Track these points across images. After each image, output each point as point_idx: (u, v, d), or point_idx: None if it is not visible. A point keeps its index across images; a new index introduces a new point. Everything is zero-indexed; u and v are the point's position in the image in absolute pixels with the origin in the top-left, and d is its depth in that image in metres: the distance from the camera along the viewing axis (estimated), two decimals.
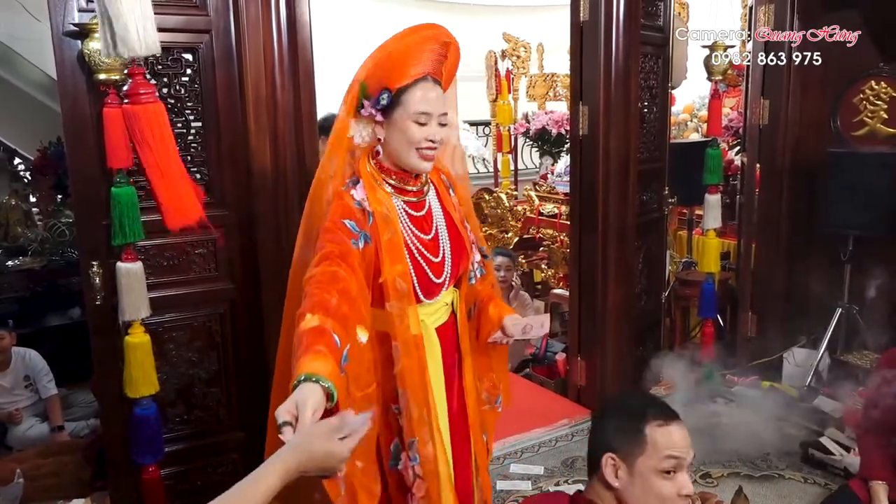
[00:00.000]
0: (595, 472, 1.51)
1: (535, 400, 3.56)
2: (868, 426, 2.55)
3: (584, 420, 3.30)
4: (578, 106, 3.35)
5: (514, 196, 5.66)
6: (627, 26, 3.21)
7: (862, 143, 3.71)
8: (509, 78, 6.19)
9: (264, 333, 2.43)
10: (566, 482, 2.88)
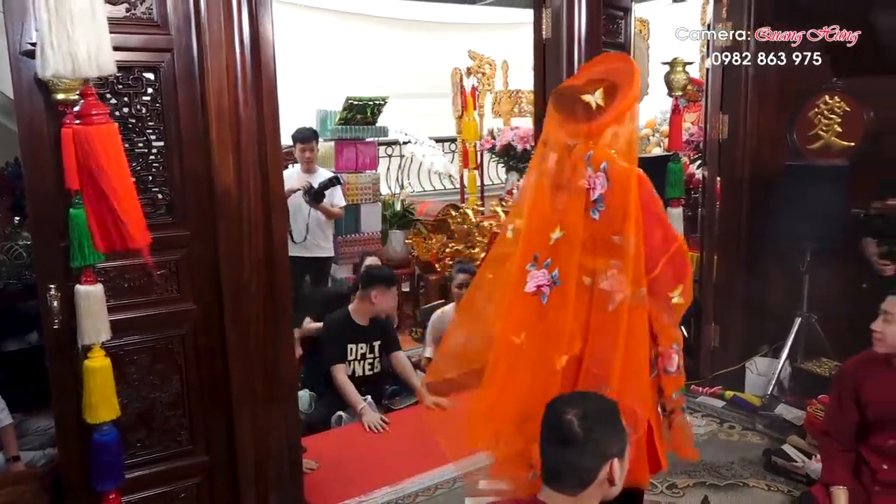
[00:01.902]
0: (586, 486, 1.50)
1: None
2: (828, 432, 2.60)
3: None
4: (542, 122, 3.39)
5: (481, 212, 5.69)
6: (589, 43, 3.26)
7: (817, 156, 3.81)
8: (475, 95, 6.24)
9: (227, 354, 2.41)
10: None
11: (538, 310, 2.15)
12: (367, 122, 5.32)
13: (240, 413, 2.46)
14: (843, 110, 3.75)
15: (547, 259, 2.14)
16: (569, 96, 2.13)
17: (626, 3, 3.62)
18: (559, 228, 2.11)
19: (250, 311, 2.43)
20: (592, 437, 1.48)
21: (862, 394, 2.49)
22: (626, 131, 2.07)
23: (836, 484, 2.46)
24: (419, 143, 6.26)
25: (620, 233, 2.03)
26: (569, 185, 2.10)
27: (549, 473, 1.53)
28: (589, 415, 1.50)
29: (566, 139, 2.13)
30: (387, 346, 3.84)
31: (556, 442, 1.51)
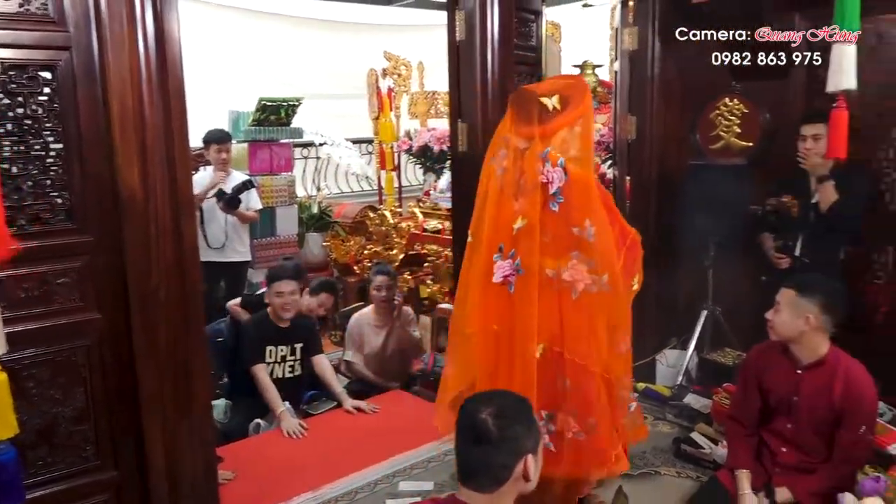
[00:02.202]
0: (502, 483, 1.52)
1: (424, 416, 3.54)
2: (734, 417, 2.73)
3: None
4: (457, 123, 3.42)
5: (399, 213, 5.69)
6: (502, 46, 3.31)
7: (719, 156, 4.00)
8: (391, 96, 6.23)
9: (135, 364, 2.32)
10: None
11: (508, 299, 2.30)
12: (282, 123, 5.24)
13: (150, 425, 2.37)
14: (742, 112, 3.94)
15: (511, 249, 2.29)
16: (528, 97, 2.31)
17: (538, 6, 3.69)
18: (521, 218, 2.26)
19: (159, 319, 2.34)
20: (507, 435, 1.50)
21: (763, 381, 2.61)
22: (576, 139, 2.27)
23: (740, 467, 2.58)
24: (335, 145, 6.20)
25: (579, 224, 2.21)
26: (525, 183, 2.26)
27: (465, 473, 1.55)
28: (503, 412, 1.51)
29: (520, 141, 2.30)
30: (309, 348, 3.77)
31: (471, 441, 1.52)
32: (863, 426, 2.40)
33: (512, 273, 2.30)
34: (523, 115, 2.30)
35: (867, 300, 3.62)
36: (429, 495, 2.90)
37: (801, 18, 3.66)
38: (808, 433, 2.51)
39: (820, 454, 2.49)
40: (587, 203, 2.23)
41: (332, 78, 7.78)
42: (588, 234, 2.22)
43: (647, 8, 4.05)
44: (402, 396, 3.93)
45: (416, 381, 4.14)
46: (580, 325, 2.24)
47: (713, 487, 2.63)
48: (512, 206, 2.31)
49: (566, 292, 2.24)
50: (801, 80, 3.73)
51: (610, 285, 2.23)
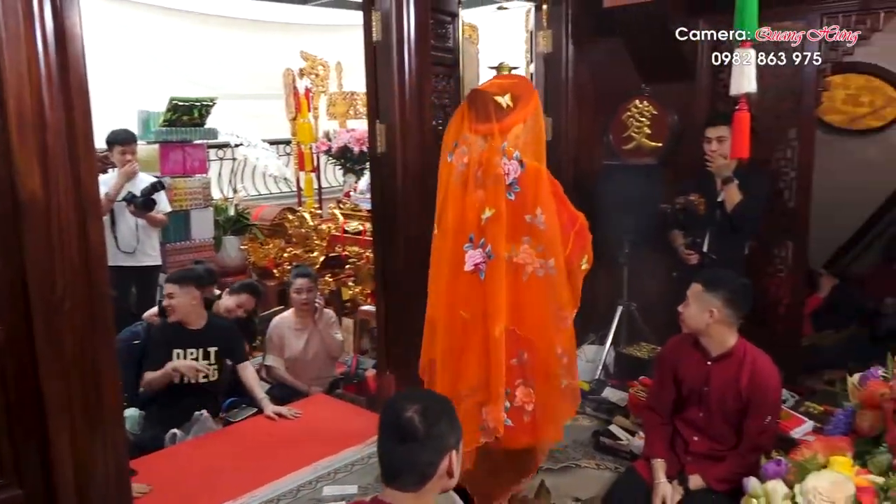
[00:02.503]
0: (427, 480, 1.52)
1: (347, 419, 3.54)
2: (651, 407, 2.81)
3: None
4: (375, 124, 3.41)
5: (319, 215, 5.61)
6: (418, 47, 3.32)
7: (631, 156, 4.13)
8: (308, 96, 6.15)
9: (40, 376, 2.20)
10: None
11: (478, 286, 2.46)
12: (195, 123, 5.09)
13: (57, 438, 2.25)
14: (652, 114, 4.08)
15: (481, 238, 2.46)
16: (483, 97, 2.48)
17: (454, 8, 3.72)
18: (488, 209, 2.43)
19: (65, 329, 2.23)
20: (433, 433, 1.50)
21: (677, 372, 2.70)
22: (529, 133, 2.48)
23: (656, 457, 2.66)
24: (252, 146, 6.07)
25: (531, 212, 2.42)
26: (486, 176, 2.44)
27: (389, 472, 1.54)
28: (428, 411, 1.52)
29: (477, 138, 2.47)
30: (229, 353, 3.67)
31: (396, 440, 1.52)
32: (768, 416, 2.50)
33: (483, 261, 2.46)
34: (482, 114, 2.46)
35: (769, 293, 3.82)
36: (353, 499, 2.88)
37: (704, 23, 3.82)
38: (717, 422, 2.60)
39: (729, 442, 2.58)
40: (539, 193, 2.43)
41: (247, 78, 7.62)
42: (538, 222, 2.42)
43: (560, 12, 4.14)
44: (325, 400, 3.88)
45: (339, 384, 4.10)
46: (530, 304, 2.45)
47: (630, 477, 2.70)
48: (477, 198, 2.47)
49: (518, 274, 2.45)
50: (707, 84, 3.90)
51: (556, 269, 2.44)
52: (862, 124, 4.55)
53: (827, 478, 1.72)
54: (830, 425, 2.16)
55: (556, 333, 2.50)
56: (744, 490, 1.92)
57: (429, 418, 1.51)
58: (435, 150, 3.52)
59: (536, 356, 2.47)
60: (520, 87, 2.53)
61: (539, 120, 2.53)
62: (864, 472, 1.75)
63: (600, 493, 2.89)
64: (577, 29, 4.18)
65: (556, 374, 2.50)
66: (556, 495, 2.92)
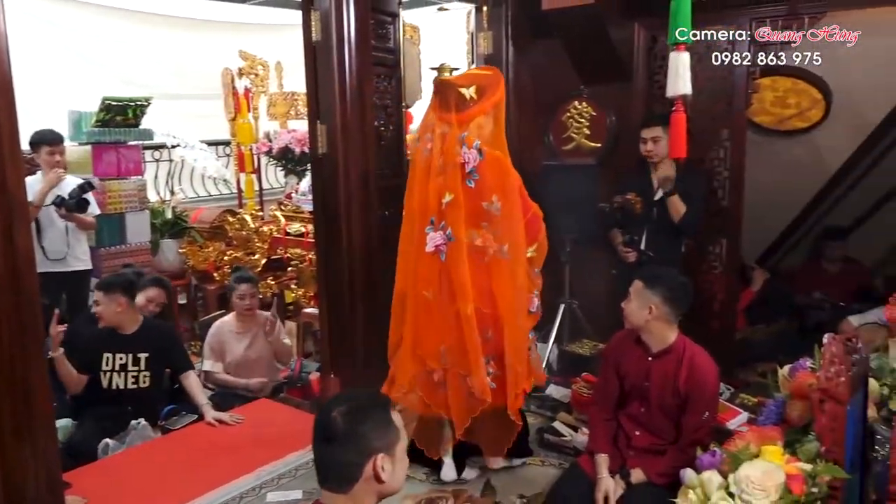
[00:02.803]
0: (353, 482, 1.50)
1: (291, 423, 3.49)
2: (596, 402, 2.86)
3: None
4: (316, 125, 3.38)
5: (260, 217, 5.52)
6: (359, 47, 3.31)
7: (571, 156, 4.20)
8: (248, 96, 6.04)
9: None
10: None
11: (439, 266, 2.72)
12: (129, 124, 4.94)
13: None
14: (591, 115, 4.16)
15: (441, 221, 2.68)
16: (447, 87, 2.69)
17: (395, 8, 3.72)
18: (448, 193, 2.65)
19: None
20: (354, 432, 1.48)
21: (620, 367, 2.74)
22: (491, 124, 2.70)
23: (599, 452, 2.70)
24: (189, 147, 5.92)
25: (488, 199, 2.64)
26: (445, 163, 2.65)
27: (320, 473, 1.53)
28: (353, 410, 1.49)
29: (442, 125, 2.67)
30: (164, 359, 3.57)
31: (321, 440, 1.51)
32: (706, 412, 2.56)
33: (443, 242, 2.69)
34: (444, 104, 2.67)
35: (705, 290, 3.93)
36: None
37: (640, 27, 3.91)
38: (658, 417, 2.65)
39: (669, 436, 2.64)
40: (498, 181, 2.64)
41: (184, 77, 7.43)
42: (495, 209, 2.65)
43: (500, 13, 4.18)
44: (268, 405, 3.82)
45: (283, 388, 4.04)
46: (494, 285, 2.69)
47: (574, 473, 2.74)
48: (439, 183, 2.68)
49: (481, 257, 2.69)
50: (643, 85, 3.99)
51: (510, 254, 2.68)
52: (789, 125, 4.72)
53: (759, 467, 1.77)
54: (762, 416, 2.22)
55: (520, 312, 2.75)
56: (681, 482, 1.96)
57: (352, 419, 1.49)
58: (377, 151, 3.54)
59: (501, 333, 2.72)
60: (487, 79, 2.72)
61: (502, 111, 2.73)
62: (793, 460, 1.81)
63: (545, 490, 2.92)
64: (516, 31, 4.22)
65: (523, 347, 2.79)
66: (502, 493, 2.95)
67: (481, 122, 2.68)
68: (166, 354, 3.57)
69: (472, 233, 2.69)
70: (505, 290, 2.71)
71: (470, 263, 2.70)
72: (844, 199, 5.14)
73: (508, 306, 2.74)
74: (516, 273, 2.73)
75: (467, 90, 2.66)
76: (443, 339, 2.76)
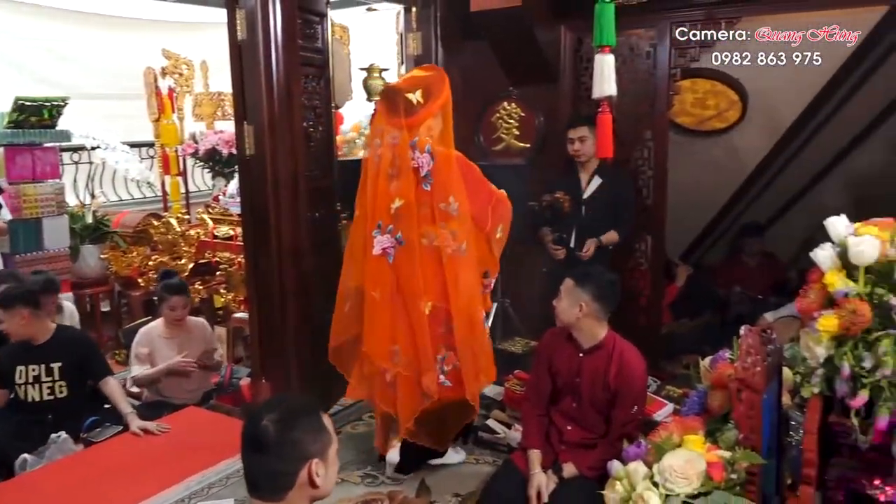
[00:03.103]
0: (287, 490, 1.49)
1: (221, 431, 3.40)
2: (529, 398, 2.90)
3: None
4: (243, 126, 3.31)
5: (187, 220, 5.38)
6: (286, 47, 3.26)
7: (501, 157, 4.24)
8: (172, 97, 5.88)
9: None
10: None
11: (386, 269, 2.81)
12: (45, 125, 4.74)
13: None
14: (519, 115, 4.22)
15: (389, 225, 2.77)
16: (394, 94, 2.76)
17: (322, 8, 3.68)
18: (398, 199, 2.75)
19: None
20: (287, 440, 1.46)
21: (552, 363, 2.79)
22: (440, 124, 2.77)
23: (532, 448, 2.74)
24: (111, 148, 5.70)
25: (445, 200, 2.74)
26: (398, 168, 2.74)
27: (250, 482, 1.50)
28: (285, 418, 1.47)
29: (392, 131, 2.75)
30: (80, 368, 3.43)
31: (251, 450, 1.48)
32: (635, 406, 2.64)
33: (391, 246, 2.78)
34: (392, 109, 2.74)
35: (632, 286, 4.04)
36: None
37: (566, 29, 3.99)
38: (589, 412, 2.71)
39: (600, 431, 2.70)
40: (451, 182, 2.74)
41: (104, 77, 7.17)
42: (452, 209, 2.75)
43: (429, 14, 4.19)
44: (197, 413, 3.72)
45: (213, 395, 3.94)
46: (452, 281, 2.79)
47: (508, 469, 2.77)
48: (388, 189, 2.77)
49: (439, 256, 2.78)
50: (570, 87, 4.07)
51: (466, 251, 2.79)
52: (708, 126, 4.90)
53: (681, 456, 1.84)
54: (686, 407, 2.30)
55: (477, 303, 2.89)
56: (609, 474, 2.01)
57: (284, 426, 1.47)
58: (306, 152, 3.49)
59: (460, 325, 2.82)
60: (432, 81, 2.79)
61: (449, 109, 2.79)
62: (714, 449, 1.88)
63: (479, 487, 2.94)
64: (446, 32, 4.24)
65: (479, 337, 2.93)
66: (437, 492, 2.96)
67: (430, 125, 2.76)
68: (82, 362, 3.43)
69: (431, 234, 2.78)
70: (463, 286, 2.82)
71: (428, 262, 2.80)
72: (761, 197, 5.38)
73: (466, 301, 2.85)
74: (473, 269, 2.86)
75: (414, 95, 2.72)
76: (395, 340, 2.84)
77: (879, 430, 1.69)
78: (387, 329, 2.84)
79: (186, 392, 3.89)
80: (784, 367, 2.06)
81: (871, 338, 1.69)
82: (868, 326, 1.69)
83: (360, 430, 3.60)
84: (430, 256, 2.79)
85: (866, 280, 1.75)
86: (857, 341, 1.71)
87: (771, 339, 1.93)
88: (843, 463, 1.86)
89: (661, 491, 1.83)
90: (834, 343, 1.73)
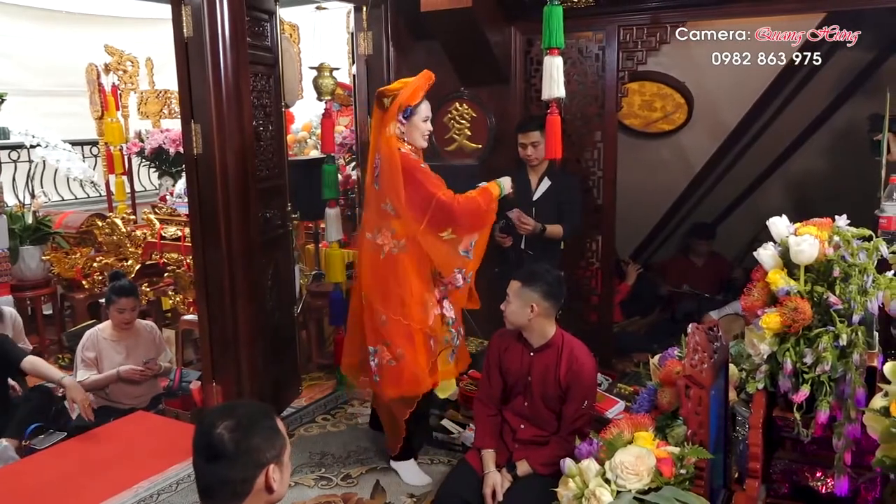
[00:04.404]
0: (244, 497, 1.47)
1: (170, 436, 3.33)
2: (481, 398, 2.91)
3: None
4: (190, 125, 3.25)
5: (133, 220, 5.25)
6: (234, 45, 3.20)
7: (453, 157, 4.25)
8: (116, 94, 5.73)
9: None
10: None
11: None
12: None
13: None
14: (472, 116, 4.23)
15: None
16: (376, 97, 2.95)
17: (271, 6, 3.63)
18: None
19: None
20: (245, 448, 1.44)
21: (503, 363, 2.81)
22: (391, 125, 2.89)
23: (485, 447, 2.75)
24: (51, 147, 5.52)
25: (384, 201, 2.92)
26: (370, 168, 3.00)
27: (203, 490, 1.48)
28: (240, 425, 1.45)
29: (373, 135, 2.98)
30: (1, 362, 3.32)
31: (206, 458, 1.45)
32: (585, 401, 2.67)
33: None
34: (375, 110, 2.96)
35: (583, 285, 4.09)
36: None
37: (516, 30, 4.02)
38: (540, 409, 2.74)
39: (552, 428, 2.73)
40: (391, 183, 2.86)
41: (45, 73, 6.96)
42: (389, 209, 2.90)
43: (380, 14, 4.17)
44: (146, 417, 3.63)
45: (161, 399, 3.86)
46: (387, 278, 2.94)
47: (463, 469, 2.77)
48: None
49: (377, 253, 2.95)
50: (520, 88, 4.10)
51: (407, 248, 2.91)
52: (656, 128, 5.00)
53: (632, 452, 1.87)
54: (636, 404, 2.34)
55: (415, 308, 2.94)
56: (562, 471, 2.04)
57: (242, 434, 1.45)
58: (256, 151, 3.44)
59: (392, 322, 2.93)
60: (406, 84, 2.93)
61: (394, 110, 2.88)
62: (663, 444, 1.92)
63: (434, 488, 2.95)
64: (397, 31, 4.23)
65: (411, 339, 2.94)
66: (392, 493, 2.96)
67: (391, 128, 2.90)
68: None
69: (375, 232, 2.96)
70: (398, 280, 2.93)
71: (370, 260, 3.00)
72: (708, 197, 5.52)
73: (400, 298, 2.94)
74: (416, 262, 2.94)
75: (388, 98, 2.90)
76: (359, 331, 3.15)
77: (820, 423, 1.74)
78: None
79: (134, 397, 3.80)
80: (730, 364, 2.11)
81: (811, 334, 1.75)
82: (808, 324, 1.75)
83: (313, 433, 3.57)
84: (373, 252, 2.98)
85: (806, 278, 1.80)
86: (799, 338, 1.76)
87: (717, 337, 1.98)
88: (786, 456, 1.92)
89: (612, 487, 1.86)
90: (777, 340, 1.78)
